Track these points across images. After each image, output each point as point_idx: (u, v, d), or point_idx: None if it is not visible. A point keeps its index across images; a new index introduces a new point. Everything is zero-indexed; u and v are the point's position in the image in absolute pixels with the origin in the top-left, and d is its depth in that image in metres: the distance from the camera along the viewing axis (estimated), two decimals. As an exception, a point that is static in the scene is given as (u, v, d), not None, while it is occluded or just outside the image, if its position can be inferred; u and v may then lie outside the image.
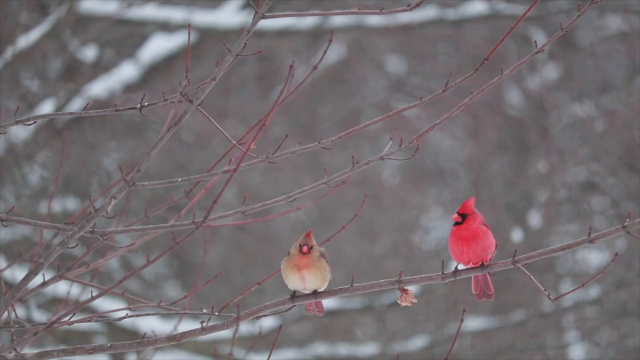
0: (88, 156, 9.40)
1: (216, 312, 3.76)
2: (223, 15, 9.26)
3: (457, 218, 3.92)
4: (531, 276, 3.60)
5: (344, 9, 3.65)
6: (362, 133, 9.65)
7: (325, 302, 3.96)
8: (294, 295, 3.87)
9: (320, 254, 3.89)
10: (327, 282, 3.88)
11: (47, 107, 8.92)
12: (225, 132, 3.70)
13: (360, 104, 10.70)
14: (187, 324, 7.77)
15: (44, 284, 3.83)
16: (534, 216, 10.55)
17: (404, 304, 3.80)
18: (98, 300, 8.13)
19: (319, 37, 9.77)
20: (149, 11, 9.22)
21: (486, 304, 10.15)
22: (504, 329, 10.15)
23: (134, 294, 8.68)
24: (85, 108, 3.59)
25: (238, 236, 9.90)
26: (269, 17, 3.35)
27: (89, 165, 9.45)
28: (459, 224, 3.91)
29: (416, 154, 3.74)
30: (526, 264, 3.70)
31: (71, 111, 3.64)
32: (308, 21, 9.44)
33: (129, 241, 4.06)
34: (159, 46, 9.30)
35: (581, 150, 10.62)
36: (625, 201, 10.42)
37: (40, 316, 8.50)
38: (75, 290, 6.78)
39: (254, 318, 3.76)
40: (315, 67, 3.73)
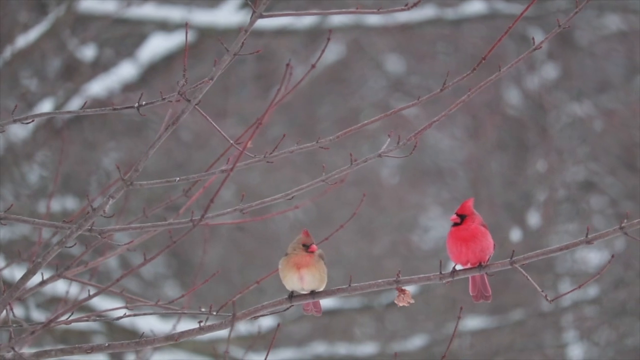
0: (87, 155, 9.39)
1: (214, 312, 3.76)
2: (222, 15, 9.26)
3: (456, 219, 3.92)
4: (529, 277, 3.60)
5: (342, 9, 3.65)
6: (360, 132, 9.65)
7: (324, 301, 3.96)
8: (292, 296, 3.87)
9: (319, 255, 3.89)
10: (324, 283, 3.88)
11: (46, 106, 8.92)
12: (224, 132, 3.70)
13: (359, 103, 10.69)
14: (186, 324, 7.77)
15: (43, 283, 3.84)
16: (533, 216, 10.55)
17: (401, 304, 3.80)
18: (97, 299, 8.14)
19: (317, 36, 9.77)
20: (147, 10, 9.22)
21: (485, 303, 10.14)
22: (502, 328, 10.15)
23: (132, 293, 8.68)
24: (83, 107, 3.60)
25: (237, 236, 9.90)
26: (266, 17, 3.35)
27: (88, 164, 9.44)
28: (457, 224, 3.91)
29: (414, 151, 3.74)
30: (524, 265, 3.70)
31: (70, 110, 3.64)
32: (307, 21, 9.44)
33: (127, 240, 4.06)
34: (157, 45, 9.30)
35: (580, 149, 10.62)
36: (624, 200, 10.42)
37: (39, 315, 8.50)
38: (74, 290, 6.76)
39: (251, 318, 3.76)
40: (313, 66, 3.73)
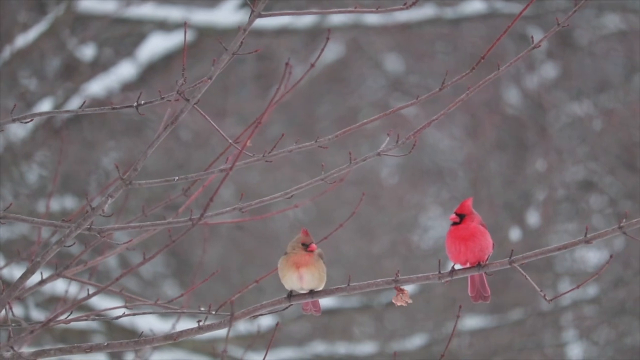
0: (86, 155, 9.39)
1: (213, 311, 3.76)
2: (221, 14, 9.26)
3: (455, 218, 3.92)
4: (527, 277, 3.60)
5: (341, 8, 3.65)
6: (360, 132, 9.65)
7: (323, 301, 3.96)
8: (291, 295, 3.87)
9: (318, 254, 3.89)
10: (323, 282, 3.87)
11: (45, 105, 8.92)
12: (224, 131, 3.70)
13: (358, 102, 10.69)
14: (185, 323, 7.77)
15: (42, 282, 3.83)
16: (532, 215, 10.55)
17: (399, 304, 3.80)
18: (96, 298, 8.14)
19: (317, 36, 9.77)
20: (147, 10, 9.22)
21: (484, 304, 10.13)
22: (502, 327, 10.15)
23: (132, 292, 8.68)
24: (82, 106, 3.59)
25: (236, 235, 9.90)
26: (265, 16, 3.35)
27: (87, 164, 9.44)
28: (456, 224, 3.91)
29: (413, 150, 3.73)
30: (523, 264, 3.70)
31: (68, 109, 3.64)
32: (306, 20, 9.44)
33: (126, 239, 4.06)
34: (157, 45, 9.30)
35: (579, 149, 10.62)
36: (623, 200, 10.42)
37: (38, 315, 8.50)
38: (74, 289, 6.76)
39: (250, 317, 3.76)
40: (312, 65, 3.73)
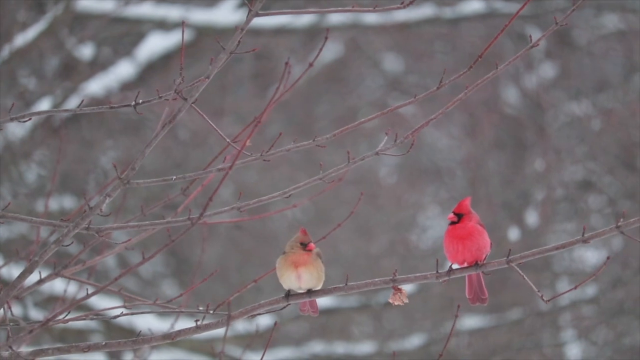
0: (85, 154, 9.39)
1: (211, 311, 3.76)
2: (220, 14, 9.26)
3: (453, 218, 3.92)
4: (525, 276, 3.60)
5: (339, 8, 3.65)
6: (358, 131, 9.65)
7: (321, 300, 3.97)
8: (289, 294, 3.87)
9: (316, 254, 3.89)
10: (321, 282, 3.87)
11: (44, 105, 8.92)
12: (222, 130, 3.70)
13: (356, 102, 10.69)
14: (183, 322, 7.76)
15: (40, 281, 3.84)
16: (531, 215, 10.55)
17: (396, 303, 3.80)
18: (95, 298, 8.13)
19: (315, 35, 9.77)
20: (145, 9, 9.21)
21: (482, 305, 10.13)
22: (500, 327, 10.15)
23: (131, 292, 8.68)
24: (80, 105, 3.59)
25: (235, 234, 9.89)
26: (262, 15, 3.35)
27: (85, 163, 9.44)
28: (454, 223, 3.91)
29: (411, 149, 3.73)
30: (520, 263, 3.70)
31: (66, 108, 3.64)
32: (304, 20, 9.44)
33: (125, 239, 4.06)
34: (155, 44, 9.30)
35: (578, 148, 10.62)
36: (622, 200, 10.42)
37: (36, 314, 8.50)
38: (72, 289, 6.76)
39: (248, 317, 3.76)
40: (311, 64, 3.73)
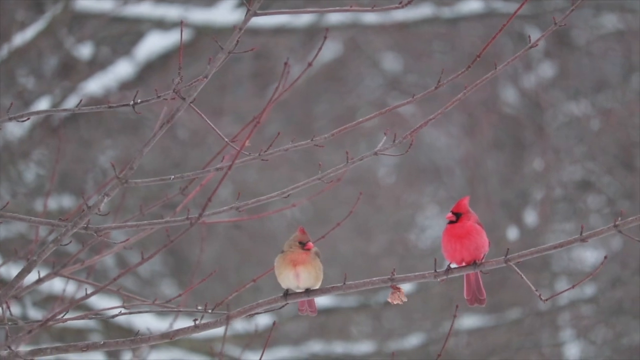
0: (84, 154, 9.39)
1: (209, 310, 3.76)
2: (219, 13, 9.25)
3: (452, 217, 3.93)
4: (523, 275, 3.60)
5: (338, 7, 3.65)
6: (357, 131, 9.65)
7: (320, 300, 3.97)
8: (287, 294, 3.87)
9: (315, 253, 3.89)
10: (320, 281, 3.87)
11: (42, 104, 8.92)
12: (221, 130, 3.70)
13: (356, 101, 10.69)
14: (182, 322, 7.76)
15: (39, 280, 3.84)
16: (529, 214, 10.55)
17: (395, 302, 3.80)
18: (93, 297, 8.13)
19: (314, 35, 9.77)
20: (144, 9, 9.21)
21: (480, 306, 10.13)
22: (499, 327, 10.15)
23: (129, 291, 8.67)
24: (78, 105, 3.59)
25: (233, 234, 9.89)
26: (260, 15, 3.35)
27: (84, 162, 9.44)
28: (453, 222, 3.92)
29: (410, 149, 3.74)
30: (519, 263, 3.70)
31: (65, 108, 3.64)
32: (304, 19, 9.44)
33: (124, 238, 4.06)
34: (154, 44, 9.30)
35: (577, 148, 10.62)
36: (620, 200, 10.42)
37: (35, 314, 8.50)
38: (71, 288, 6.76)
39: (246, 316, 3.76)
40: (310, 64, 3.73)
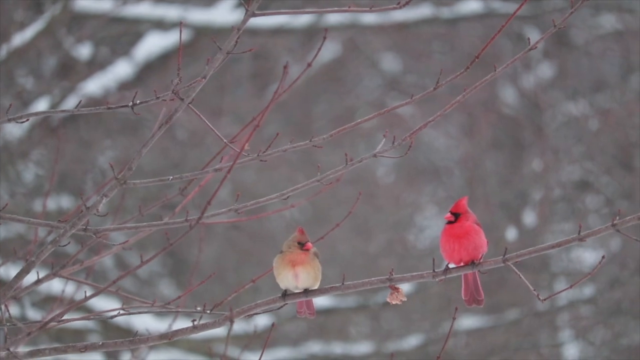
0: (83, 154, 9.39)
1: (208, 310, 3.76)
2: (218, 14, 9.26)
3: (450, 217, 3.93)
4: (521, 275, 3.60)
5: (336, 8, 3.65)
6: (356, 131, 9.65)
7: (319, 300, 3.97)
8: (285, 294, 3.88)
9: (313, 253, 3.89)
10: (318, 282, 3.88)
11: (42, 104, 8.92)
12: (220, 130, 3.70)
13: (355, 102, 10.69)
14: (181, 323, 7.76)
15: (38, 281, 3.84)
16: (528, 215, 10.55)
17: (394, 302, 3.80)
18: (92, 298, 8.13)
19: (313, 35, 9.77)
20: (143, 9, 9.21)
21: (478, 307, 10.14)
22: (498, 327, 10.15)
23: (128, 292, 8.68)
24: (77, 106, 3.59)
25: (232, 234, 9.89)
26: (259, 15, 3.35)
27: (83, 163, 9.44)
28: (451, 222, 3.92)
29: (409, 151, 3.74)
30: (517, 262, 3.70)
31: (64, 109, 3.64)
32: (302, 20, 9.44)
33: (123, 239, 4.06)
34: (153, 44, 9.30)
35: (575, 148, 10.62)
36: (619, 200, 10.42)
37: (34, 314, 8.50)
38: (70, 289, 6.77)
39: (245, 316, 3.76)
40: (309, 65, 3.73)
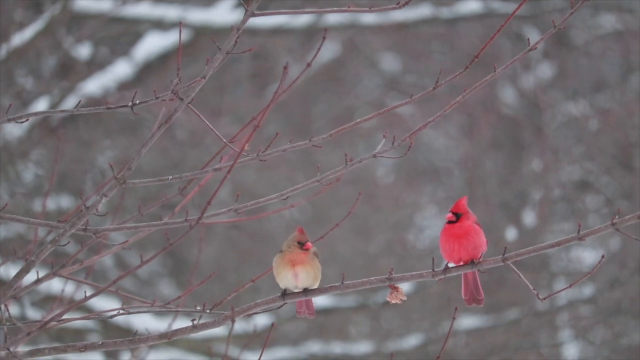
0: (82, 154, 9.39)
1: (208, 310, 3.76)
2: (217, 13, 9.26)
3: (452, 217, 3.92)
4: (520, 274, 3.60)
5: (336, 8, 3.66)
6: (356, 131, 9.65)
7: (319, 300, 3.98)
8: (285, 293, 3.88)
9: (313, 253, 3.90)
10: (318, 281, 3.88)
11: (41, 104, 8.92)
12: (219, 130, 3.70)
13: (354, 102, 10.69)
14: (181, 322, 7.76)
15: (38, 281, 3.84)
16: (528, 215, 10.55)
17: (393, 302, 3.81)
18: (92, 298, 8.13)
19: (313, 35, 9.77)
20: (143, 9, 9.22)
21: (478, 306, 10.15)
22: (498, 327, 10.15)
23: (128, 291, 8.68)
24: (77, 106, 3.60)
25: (232, 234, 9.89)
26: (258, 15, 3.35)
27: (83, 163, 9.44)
28: (453, 222, 3.91)
29: (409, 152, 3.74)
30: (516, 261, 3.70)
31: (64, 109, 3.65)
32: (302, 20, 9.44)
33: (122, 239, 4.06)
34: (153, 44, 9.30)
35: (575, 149, 10.62)
36: (619, 200, 10.42)
37: (34, 314, 8.50)
38: (69, 288, 6.77)
39: (245, 316, 3.76)
40: (309, 65, 3.73)
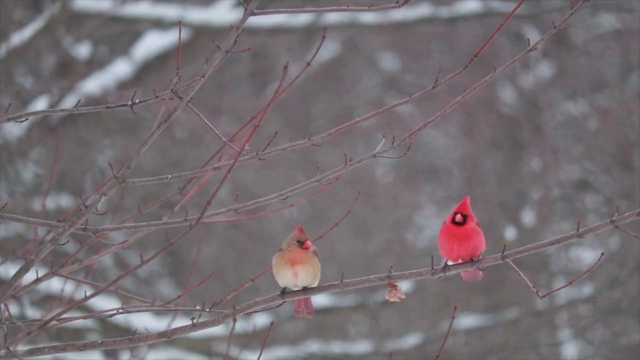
0: (82, 153, 9.39)
1: (207, 309, 3.76)
2: (217, 13, 9.26)
3: (460, 219, 3.88)
4: (520, 272, 3.60)
5: (335, 7, 3.65)
6: (355, 130, 9.65)
7: (318, 299, 3.97)
8: (284, 292, 3.88)
9: (313, 252, 3.90)
10: (318, 280, 3.88)
11: (40, 104, 8.92)
12: (219, 129, 3.70)
13: (353, 101, 10.69)
14: (180, 322, 7.76)
15: (37, 280, 3.84)
16: (527, 214, 10.55)
17: (392, 300, 3.81)
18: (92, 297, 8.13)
19: (312, 34, 9.77)
20: (142, 8, 9.22)
21: (479, 303, 10.16)
22: (497, 326, 10.16)
23: (127, 291, 8.67)
24: (76, 105, 3.60)
25: (231, 233, 9.90)
26: (258, 14, 3.36)
27: (82, 162, 9.44)
28: (460, 224, 3.87)
29: (409, 152, 3.74)
30: (516, 260, 3.70)
31: (63, 108, 3.65)
32: (302, 19, 9.45)
33: (122, 238, 4.06)
34: (152, 43, 9.31)
35: (575, 148, 10.63)
36: (618, 199, 10.42)
37: (33, 313, 8.50)
38: (69, 287, 6.78)
39: (244, 314, 3.76)
40: (308, 64, 3.73)
